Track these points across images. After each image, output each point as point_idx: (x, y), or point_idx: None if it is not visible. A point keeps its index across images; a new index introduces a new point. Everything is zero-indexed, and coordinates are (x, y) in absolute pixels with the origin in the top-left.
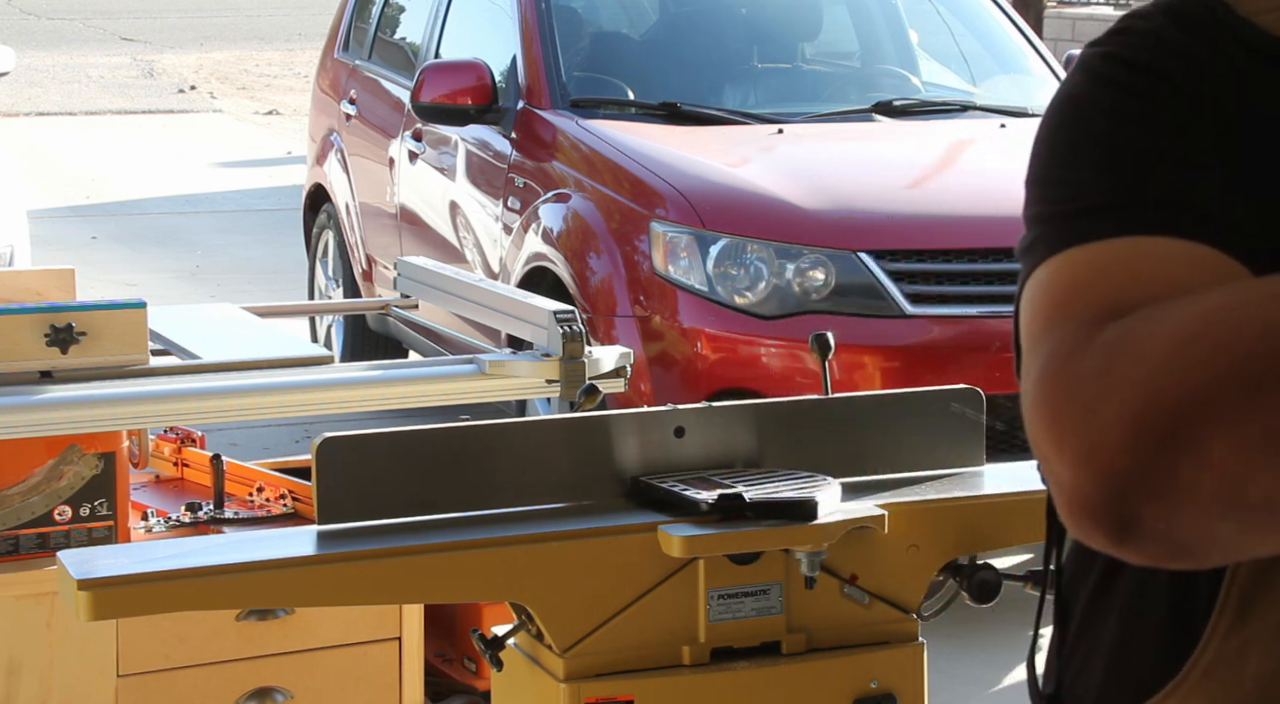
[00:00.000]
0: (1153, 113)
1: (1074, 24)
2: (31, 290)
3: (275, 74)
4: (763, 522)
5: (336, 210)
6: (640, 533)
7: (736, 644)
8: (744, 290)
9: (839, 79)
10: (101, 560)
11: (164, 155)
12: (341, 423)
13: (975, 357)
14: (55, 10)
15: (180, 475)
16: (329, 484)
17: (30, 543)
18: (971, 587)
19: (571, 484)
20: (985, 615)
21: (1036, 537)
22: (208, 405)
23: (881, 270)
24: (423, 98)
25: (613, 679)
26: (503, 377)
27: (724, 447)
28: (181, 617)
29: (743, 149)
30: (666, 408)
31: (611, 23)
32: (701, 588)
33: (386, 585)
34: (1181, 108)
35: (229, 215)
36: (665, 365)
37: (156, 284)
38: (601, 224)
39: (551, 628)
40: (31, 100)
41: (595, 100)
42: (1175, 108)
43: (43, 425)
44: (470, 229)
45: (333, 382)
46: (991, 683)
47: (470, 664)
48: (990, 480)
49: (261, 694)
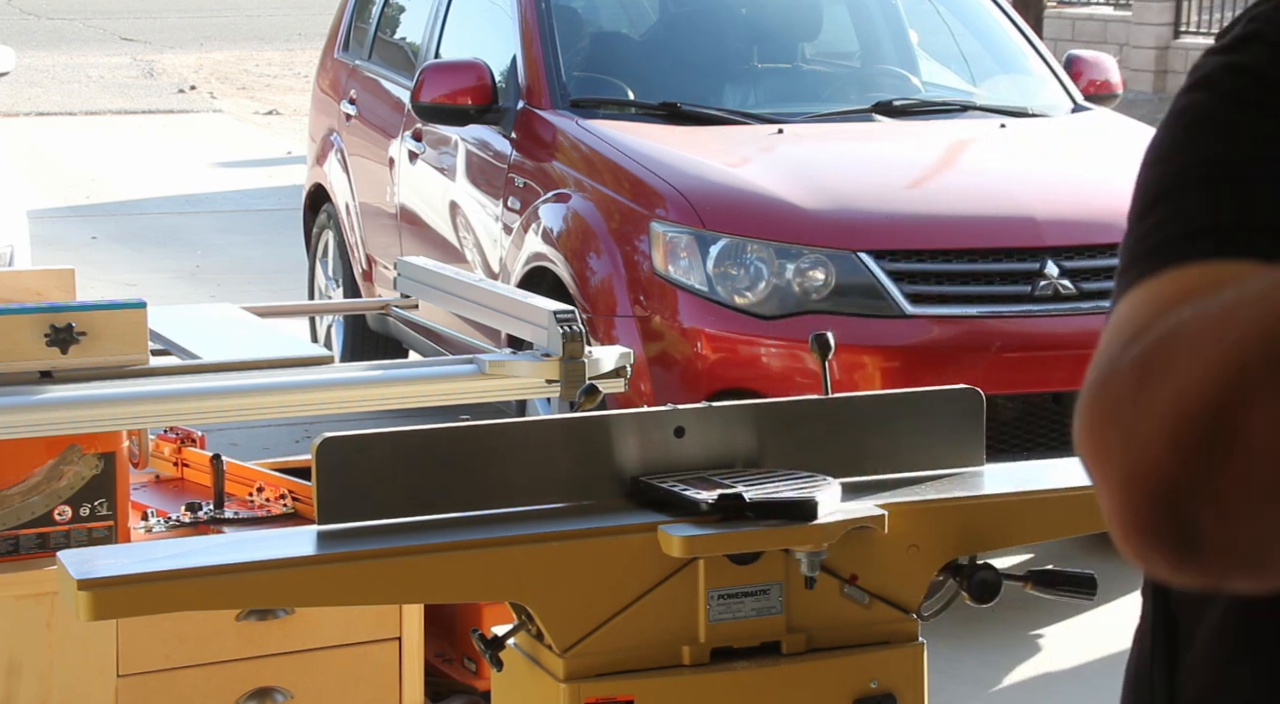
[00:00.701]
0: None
1: (1074, 24)
2: (31, 290)
3: (275, 74)
4: (763, 522)
5: (336, 210)
6: (640, 533)
7: (736, 644)
8: (744, 290)
9: (839, 79)
10: (101, 560)
11: (164, 155)
12: (341, 423)
13: (975, 357)
14: (55, 10)
15: (180, 475)
16: (329, 484)
17: (30, 543)
18: (971, 587)
19: (571, 484)
20: (985, 615)
21: (1036, 536)
22: (208, 405)
23: (881, 270)
24: (423, 98)
25: (613, 679)
26: (503, 376)
27: (724, 447)
28: (181, 617)
29: (743, 149)
30: (666, 408)
31: (611, 23)
32: (701, 588)
33: (386, 585)
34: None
35: (229, 215)
36: (665, 365)
37: (156, 284)
38: (601, 224)
39: (551, 628)
40: (31, 100)
41: (595, 100)
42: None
43: (43, 425)
44: (470, 229)
45: (333, 382)
46: (991, 683)
47: (470, 664)
48: (990, 480)
49: (261, 694)
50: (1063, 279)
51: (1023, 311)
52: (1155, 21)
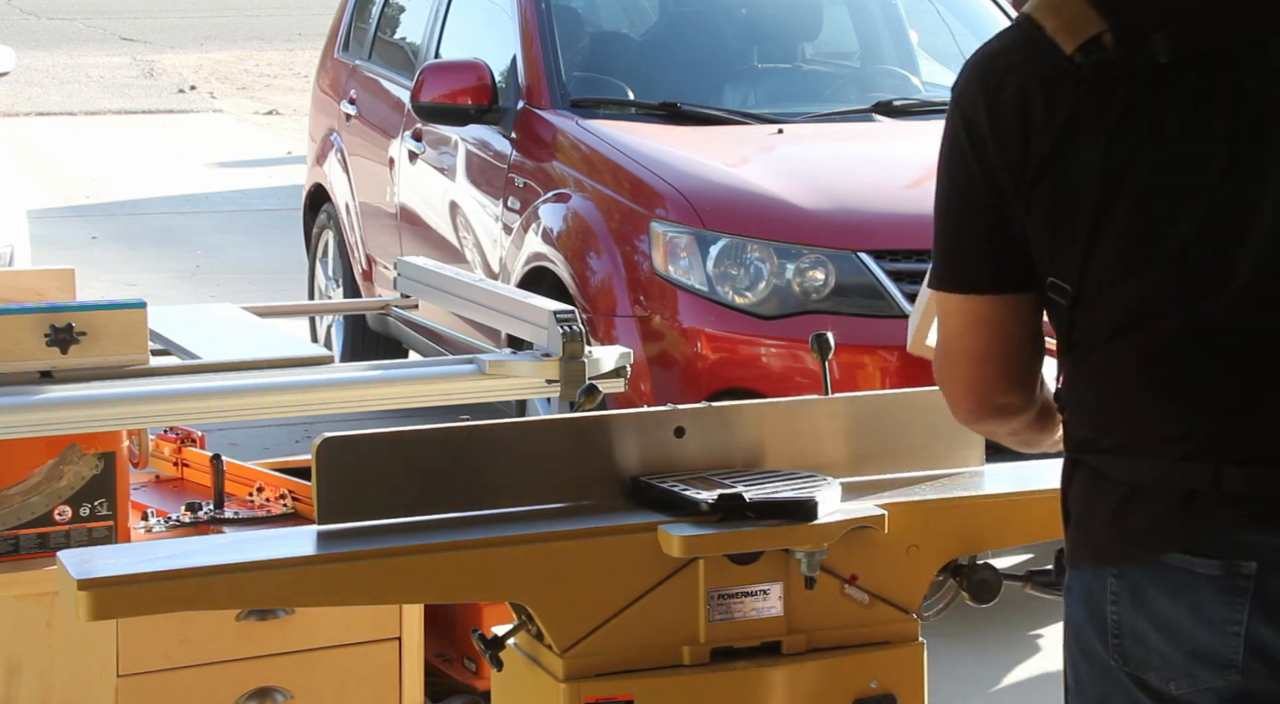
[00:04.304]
0: None
1: None
2: (31, 290)
3: (275, 74)
4: (763, 522)
5: (336, 210)
6: (640, 533)
7: (736, 644)
8: (744, 290)
9: (839, 79)
10: (101, 560)
11: (164, 155)
12: (341, 423)
13: None
14: (55, 10)
15: (180, 475)
16: (329, 484)
17: (30, 543)
18: (971, 587)
19: (571, 484)
20: (985, 615)
21: (1036, 536)
22: (208, 405)
23: (881, 270)
24: (423, 98)
25: (613, 679)
26: (503, 376)
27: (724, 447)
28: (181, 617)
29: (743, 149)
30: (666, 408)
31: (611, 23)
32: (701, 588)
33: (386, 585)
34: None
35: (229, 215)
36: (665, 365)
37: (156, 284)
38: (601, 224)
39: (551, 628)
40: (31, 100)
41: (595, 100)
42: None
43: (43, 425)
44: (470, 229)
45: (333, 381)
46: (991, 683)
47: (470, 664)
48: (990, 480)
49: (261, 694)
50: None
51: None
52: None
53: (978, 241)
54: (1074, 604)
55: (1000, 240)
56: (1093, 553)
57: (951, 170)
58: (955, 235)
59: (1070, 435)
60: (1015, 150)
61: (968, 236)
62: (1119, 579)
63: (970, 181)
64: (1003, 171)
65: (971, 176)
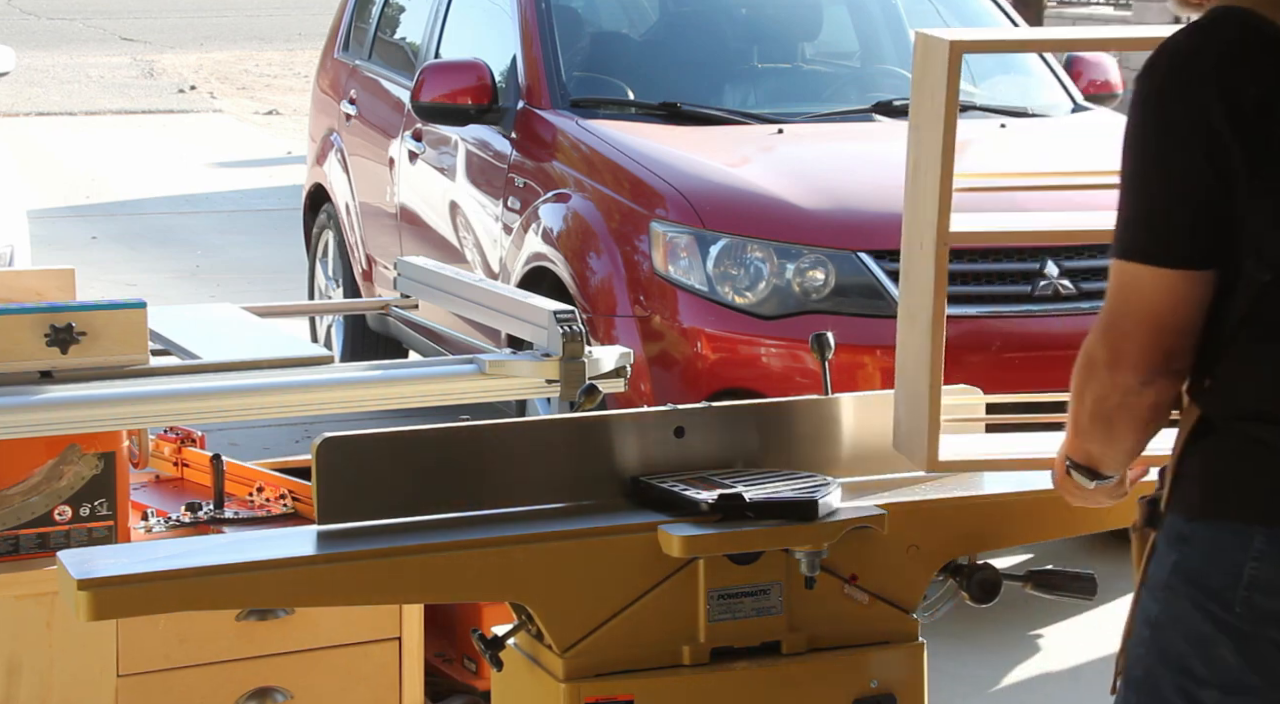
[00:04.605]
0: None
1: (1074, 24)
2: (31, 290)
3: (275, 74)
4: (763, 522)
5: (336, 210)
6: (640, 533)
7: (736, 644)
8: (744, 290)
9: (839, 79)
10: (101, 560)
11: (164, 155)
12: (341, 423)
13: (975, 356)
14: (55, 10)
15: (180, 475)
16: (329, 484)
17: (30, 543)
18: (971, 587)
19: (571, 484)
20: (985, 615)
21: (1036, 536)
22: (208, 405)
23: (881, 270)
24: (423, 98)
25: (613, 679)
26: (503, 376)
27: (724, 447)
28: (181, 617)
29: (743, 149)
30: (666, 408)
31: (611, 23)
32: (701, 588)
33: (386, 585)
34: None
35: (229, 215)
36: (665, 365)
37: (156, 284)
38: (601, 224)
39: (551, 628)
40: (31, 100)
41: (595, 100)
42: None
43: (43, 425)
44: (470, 229)
45: (333, 381)
46: (991, 683)
47: (470, 664)
48: (990, 480)
49: (261, 694)
50: (1063, 279)
51: (1023, 311)
52: (1155, 22)
53: (1199, 216)
54: (1191, 553)
55: (1219, 219)
56: (1237, 510)
57: (1176, 150)
58: (1169, 210)
59: (1222, 405)
60: (1255, 133)
61: (1186, 211)
62: (1269, 539)
63: (1196, 163)
64: (1239, 154)
65: (1199, 158)
